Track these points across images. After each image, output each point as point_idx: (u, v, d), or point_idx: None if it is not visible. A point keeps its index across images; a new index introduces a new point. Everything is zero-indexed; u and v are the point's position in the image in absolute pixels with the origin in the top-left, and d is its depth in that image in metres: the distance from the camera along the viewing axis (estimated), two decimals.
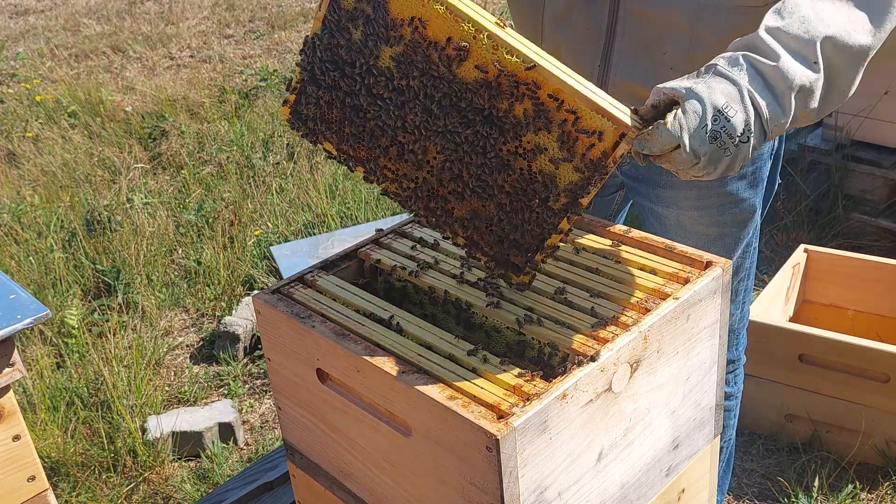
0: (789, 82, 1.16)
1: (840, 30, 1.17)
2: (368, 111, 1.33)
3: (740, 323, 2.00)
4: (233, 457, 2.96)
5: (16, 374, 1.65)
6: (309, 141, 1.42)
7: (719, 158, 1.16)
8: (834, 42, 1.17)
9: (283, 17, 8.04)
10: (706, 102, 1.13)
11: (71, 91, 6.18)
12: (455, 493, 1.21)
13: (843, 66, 1.19)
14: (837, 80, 1.19)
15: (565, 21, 1.68)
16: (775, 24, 1.17)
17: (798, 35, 1.15)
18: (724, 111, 1.13)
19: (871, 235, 3.74)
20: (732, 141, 1.14)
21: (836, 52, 1.17)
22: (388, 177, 1.38)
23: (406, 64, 1.27)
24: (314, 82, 1.37)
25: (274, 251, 4.07)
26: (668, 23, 1.56)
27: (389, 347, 1.29)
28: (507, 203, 1.30)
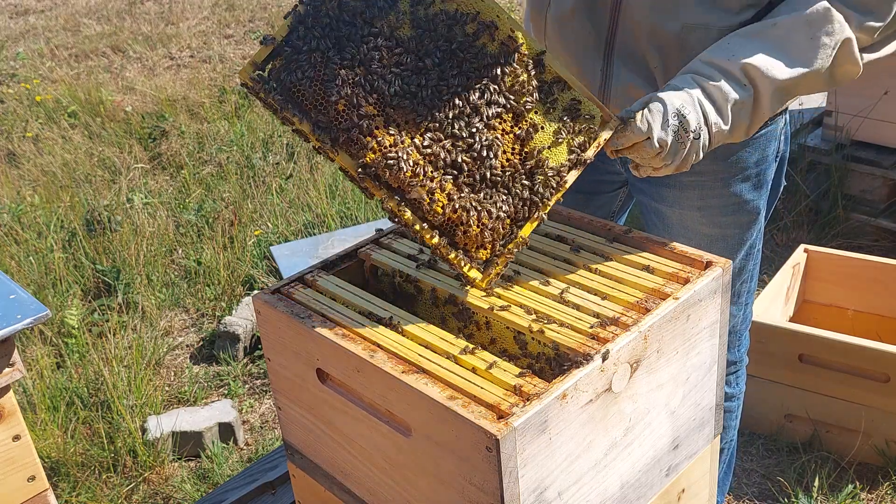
0: (727, 95, 1.44)
1: (760, 62, 1.45)
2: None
3: (742, 324, 2.00)
4: (233, 457, 2.96)
5: (16, 374, 1.65)
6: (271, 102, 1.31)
7: (677, 150, 1.41)
8: (756, 69, 1.45)
9: None
10: (667, 104, 1.39)
11: (71, 91, 6.18)
12: (455, 493, 1.21)
13: (764, 91, 1.46)
14: (761, 102, 1.47)
15: (568, 24, 1.72)
16: (711, 56, 1.47)
17: (727, 61, 1.46)
18: (681, 110, 1.40)
19: (871, 235, 3.74)
20: (688, 135, 1.40)
21: (759, 78, 1.45)
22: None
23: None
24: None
25: (274, 251, 4.07)
26: (657, 37, 1.62)
27: (389, 347, 1.29)
28: (495, 181, 1.35)
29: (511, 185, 1.36)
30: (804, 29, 1.46)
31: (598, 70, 1.71)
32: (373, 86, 1.30)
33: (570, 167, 1.39)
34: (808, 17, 1.46)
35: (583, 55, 1.72)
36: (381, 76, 1.31)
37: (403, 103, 1.32)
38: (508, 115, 1.37)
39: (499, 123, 1.36)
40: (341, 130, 1.30)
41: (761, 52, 1.46)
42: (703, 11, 1.56)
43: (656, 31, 1.60)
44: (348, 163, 1.32)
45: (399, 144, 1.30)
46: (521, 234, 1.37)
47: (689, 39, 1.59)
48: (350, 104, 1.29)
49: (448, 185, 1.32)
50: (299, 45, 1.31)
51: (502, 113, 1.36)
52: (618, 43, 1.66)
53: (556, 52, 1.77)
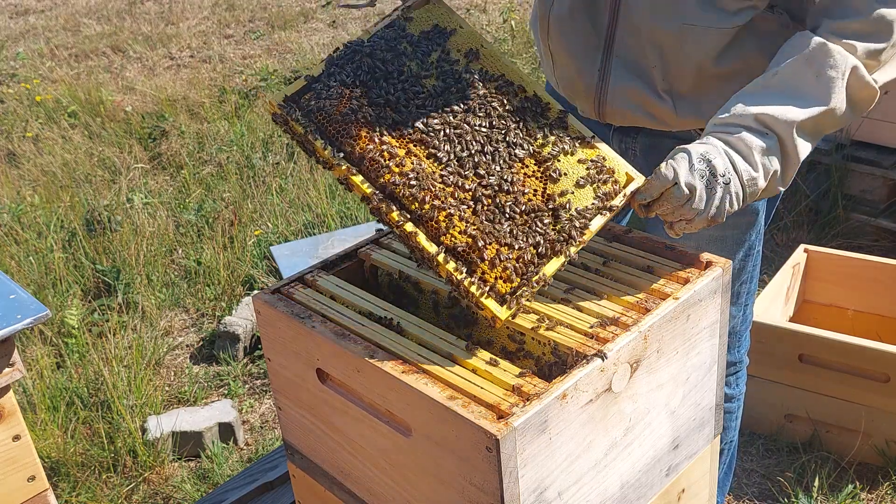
0: (750, 144, 1.41)
1: (772, 110, 1.43)
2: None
3: (743, 325, 2.00)
4: (233, 457, 2.96)
5: (16, 374, 1.65)
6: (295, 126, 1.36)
7: (708, 196, 1.36)
8: (770, 116, 1.42)
9: (283, 17, 8.04)
10: (691, 151, 1.37)
11: (71, 91, 6.18)
12: (455, 493, 1.21)
13: (785, 135, 1.42)
14: (786, 147, 1.43)
15: (569, 23, 1.73)
16: (723, 116, 1.45)
17: (740, 115, 1.44)
18: (707, 156, 1.36)
19: (871, 235, 3.74)
20: (717, 180, 1.36)
21: (776, 123, 1.42)
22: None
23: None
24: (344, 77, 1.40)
25: (274, 251, 4.07)
26: (655, 38, 1.62)
27: (389, 347, 1.29)
28: (513, 216, 1.33)
29: (533, 223, 1.33)
30: (807, 69, 1.45)
31: (595, 70, 1.71)
32: (395, 121, 1.36)
33: (595, 212, 1.37)
34: (807, 56, 1.45)
35: (582, 55, 1.73)
36: (407, 112, 1.37)
37: (425, 139, 1.35)
38: (531, 160, 1.39)
39: (520, 167, 1.38)
40: (366, 156, 1.32)
41: (771, 102, 1.44)
42: (702, 12, 1.56)
43: (655, 31, 1.61)
44: (365, 185, 1.32)
45: (419, 169, 1.32)
46: (544, 270, 1.31)
47: (687, 40, 1.59)
48: (372, 130, 1.33)
49: (467, 212, 1.31)
50: (330, 81, 1.39)
51: (525, 157, 1.38)
52: (617, 43, 1.67)
53: (558, 52, 1.78)
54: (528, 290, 1.29)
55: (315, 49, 6.93)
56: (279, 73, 6.37)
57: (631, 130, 1.80)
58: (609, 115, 1.75)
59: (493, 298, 1.27)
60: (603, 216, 1.37)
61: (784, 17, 1.63)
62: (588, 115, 1.79)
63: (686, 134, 1.74)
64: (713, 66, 1.62)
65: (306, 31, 7.71)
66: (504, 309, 1.27)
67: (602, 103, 1.73)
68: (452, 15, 1.52)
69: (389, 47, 1.44)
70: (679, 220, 1.38)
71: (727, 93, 1.66)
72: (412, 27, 1.48)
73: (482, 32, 6.87)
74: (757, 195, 1.44)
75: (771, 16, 1.62)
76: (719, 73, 1.64)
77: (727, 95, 1.67)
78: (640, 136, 1.79)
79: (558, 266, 1.33)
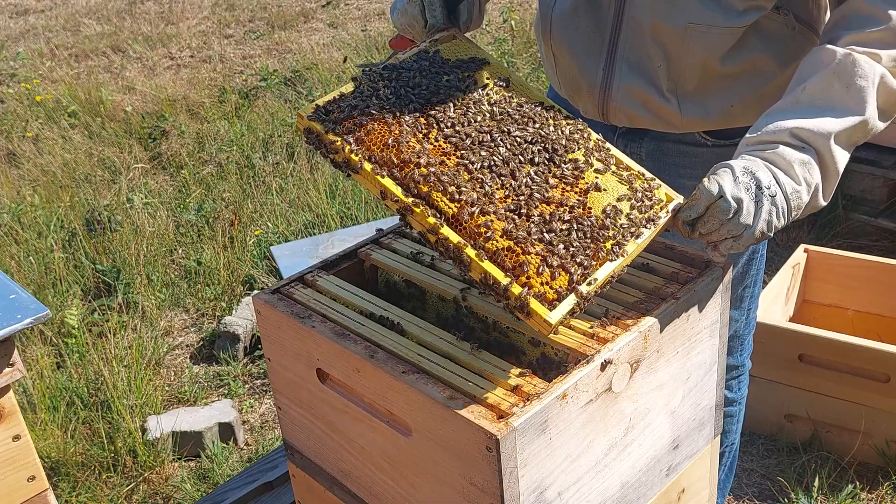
0: (789, 158, 1.37)
1: (808, 124, 1.39)
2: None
3: (746, 329, 1.99)
4: (233, 457, 2.96)
5: (16, 374, 1.65)
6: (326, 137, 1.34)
7: (755, 210, 1.32)
8: (806, 130, 1.39)
9: (283, 17, 8.04)
10: (733, 165, 1.34)
11: (71, 91, 6.18)
12: (455, 493, 1.21)
13: (823, 147, 1.39)
14: (825, 160, 1.40)
15: (572, 22, 1.71)
16: (755, 135, 1.42)
17: (775, 131, 1.40)
18: (749, 168, 1.33)
19: (871, 235, 3.74)
20: (762, 192, 1.32)
21: (812, 136, 1.39)
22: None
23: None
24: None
25: (274, 251, 4.07)
26: (660, 36, 1.61)
27: (389, 347, 1.29)
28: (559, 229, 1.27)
29: (577, 233, 1.27)
30: (835, 82, 1.42)
31: (599, 69, 1.70)
32: (429, 129, 1.35)
33: (640, 224, 1.32)
34: (835, 69, 1.42)
35: (585, 54, 1.71)
36: (439, 122, 1.36)
37: (461, 146, 1.33)
38: (571, 174, 1.36)
39: (560, 182, 1.34)
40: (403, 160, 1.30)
41: (804, 117, 1.40)
42: (707, 10, 1.55)
43: (659, 30, 1.60)
44: (398, 189, 1.28)
45: (456, 174, 1.29)
46: (594, 276, 1.24)
47: (692, 39, 1.58)
48: (408, 137, 1.32)
49: (503, 221, 1.26)
50: (363, 91, 1.39)
51: (566, 172, 1.35)
52: (621, 41, 1.66)
53: (560, 51, 1.77)
54: (576, 298, 1.21)
55: (315, 49, 6.93)
56: (279, 73, 6.37)
57: (636, 134, 1.78)
58: (613, 114, 1.73)
59: (541, 303, 1.19)
60: (648, 229, 1.32)
61: (790, 18, 1.62)
62: (591, 115, 1.77)
63: (691, 137, 1.72)
64: (719, 66, 1.61)
65: (306, 31, 7.71)
66: (553, 313, 1.18)
67: (606, 102, 1.71)
68: (479, 49, 1.52)
69: (422, 68, 1.44)
70: (726, 239, 1.33)
71: (733, 93, 1.66)
72: (444, 55, 1.49)
73: (482, 32, 6.87)
74: (802, 210, 1.40)
75: (777, 16, 1.61)
76: (725, 73, 1.63)
77: (732, 96, 1.66)
78: (645, 139, 1.77)
79: (605, 277, 1.25)
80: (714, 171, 1.35)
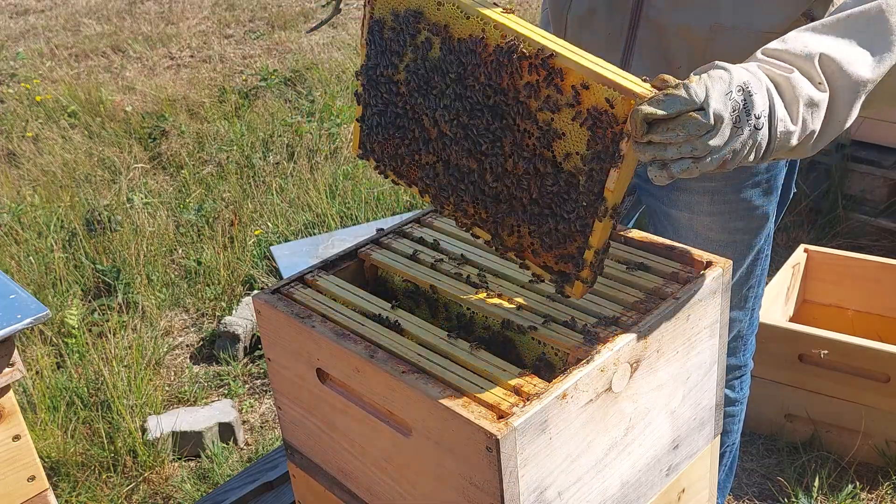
0: (799, 91, 1.18)
1: (840, 55, 1.20)
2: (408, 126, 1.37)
3: (749, 329, 1.99)
4: (233, 457, 2.96)
5: (16, 374, 1.65)
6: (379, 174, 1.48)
7: (730, 136, 1.10)
8: (835, 63, 1.20)
9: (283, 17, 8.04)
10: (732, 73, 1.11)
11: (71, 91, 6.18)
12: (455, 493, 1.21)
13: (843, 92, 1.21)
14: (836, 107, 1.22)
15: (588, 24, 1.69)
16: (776, 47, 1.21)
17: (799, 54, 1.20)
18: (748, 86, 1.11)
19: (871, 235, 3.74)
20: (749, 120, 1.11)
21: (838, 75, 1.20)
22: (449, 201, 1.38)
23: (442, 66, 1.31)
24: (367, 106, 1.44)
25: (274, 251, 4.07)
26: (683, 37, 1.58)
27: (389, 347, 1.29)
28: (538, 203, 1.25)
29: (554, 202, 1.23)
30: (885, 16, 1.24)
31: None
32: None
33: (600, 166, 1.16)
34: (885, 2, 1.24)
35: (601, 57, 1.69)
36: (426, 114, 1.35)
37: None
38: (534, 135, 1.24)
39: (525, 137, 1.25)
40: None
41: (837, 45, 1.21)
42: (733, 12, 1.51)
43: (682, 32, 1.56)
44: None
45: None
46: (590, 242, 1.21)
47: (717, 41, 1.54)
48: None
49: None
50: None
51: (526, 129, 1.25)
52: (637, 44, 1.63)
53: None
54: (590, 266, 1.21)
55: (315, 49, 6.93)
56: (279, 73, 6.37)
57: None
58: None
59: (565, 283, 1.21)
60: (616, 169, 1.14)
61: None
62: None
63: None
64: None
65: (306, 30, 7.71)
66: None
67: None
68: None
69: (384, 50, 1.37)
70: (682, 158, 1.10)
71: None
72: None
73: None
74: (781, 153, 1.21)
75: (805, 22, 1.57)
76: None
77: None
78: None
79: (604, 232, 1.20)
80: (707, 69, 1.13)
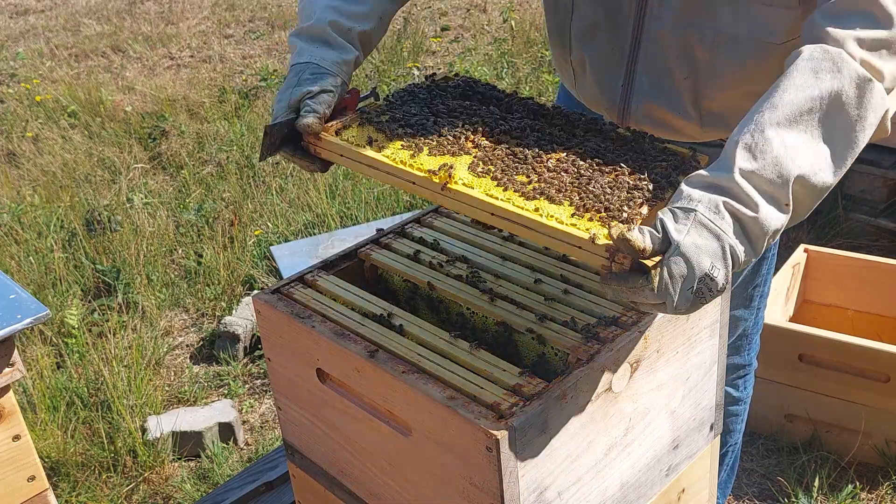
0: (766, 230, 1.16)
1: (808, 169, 1.17)
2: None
3: (754, 329, 1.98)
4: (233, 457, 2.96)
5: (16, 374, 1.65)
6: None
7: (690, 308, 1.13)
8: (802, 181, 1.17)
9: (283, 17, 8.04)
10: (694, 267, 1.09)
11: (71, 91, 6.18)
12: (455, 493, 1.21)
13: (806, 201, 1.20)
14: (798, 212, 1.21)
15: (591, 39, 1.68)
16: (750, 168, 1.15)
17: (772, 179, 1.15)
18: (710, 273, 1.10)
19: (871, 235, 3.74)
20: (710, 295, 1.12)
21: (803, 190, 1.18)
22: None
23: None
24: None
25: (274, 251, 4.06)
26: (686, 48, 1.58)
27: (389, 347, 1.29)
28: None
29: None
30: (849, 110, 1.20)
31: (619, 86, 1.66)
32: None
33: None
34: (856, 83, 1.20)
35: (604, 71, 1.68)
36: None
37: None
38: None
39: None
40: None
41: (806, 149, 1.17)
42: (733, 21, 1.52)
43: (684, 43, 1.57)
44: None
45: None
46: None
47: (719, 51, 1.55)
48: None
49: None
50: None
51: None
52: (641, 57, 1.62)
53: (581, 69, 1.74)
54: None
55: None
56: (279, 73, 6.37)
57: None
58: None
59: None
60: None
61: None
62: None
63: (710, 144, 1.68)
64: (747, 82, 1.57)
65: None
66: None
67: (625, 119, 1.68)
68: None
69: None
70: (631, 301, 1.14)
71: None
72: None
73: (482, 32, 6.87)
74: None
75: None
76: (754, 91, 1.58)
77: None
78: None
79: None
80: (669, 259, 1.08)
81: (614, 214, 1.17)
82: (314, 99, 1.39)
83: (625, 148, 1.36)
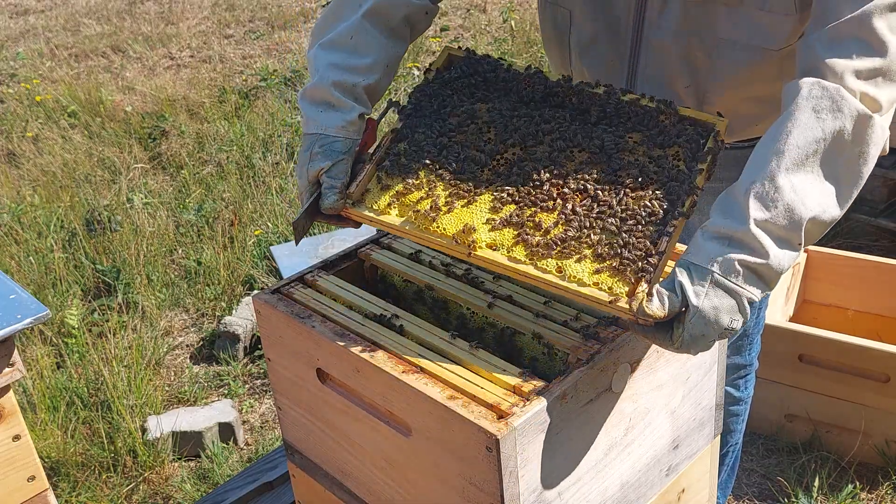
0: (781, 270, 1.21)
1: (818, 209, 1.22)
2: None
3: (755, 329, 1.99)
4: (233, 457, 2.96)
5: (16, 374, 1.65)
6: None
7: (705, 349, 1.21)
8: (813, 221, 1.22)
9: (283, 17, 8.04)
10: (713, 325, 1.17)
11: (71, 91, 6.18)
12: (455, 493, 1.21)
13: (816, 233, 1.26)
14: (808, 243, 1.26)
15: (590, 50, 1.69)
16: (763, 217, 1.19)
17: (785, 225, 1.20)
18: (730, 326, 1.18)
19: (871, 235, 3.74)
20: (726, 334, 1.20)
21: (814, 227, 1.24)
22: None
23: None
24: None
25: (274, 251, 4.06)
26: (686, 55, 1.58)
27: (389, 347, 1.29)
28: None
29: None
30: (851, 147, 1.25)
31: None
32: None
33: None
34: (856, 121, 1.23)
35: (605, 81, 1.67)
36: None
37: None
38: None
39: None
40: None
41: (814, 189, 1.22)
42: (732, 28, 1.52)
43: (684, 51, 1.57)
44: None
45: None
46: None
47: (718, 58, 1.56)
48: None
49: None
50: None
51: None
52: (641, 67, 1.63)
53: (581, 77, 1.73)
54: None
55: None
56: (279, 73, 6.37)
57: None
58: None
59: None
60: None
61: None
62: None
63: None
64: (749, 87, 1.58)
65: (306, 31, 7.71)
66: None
67: None
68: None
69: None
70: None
71: (761, 115, 1.62)
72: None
73: (482, 32, 6.87)
74: None
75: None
76: (756, 96, 1.60)
77: (761, 117, 1.62)
78: None
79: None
80: (692, 317, 1.16)
81: (632, 268, 1.22)
82: (329, 173, 1.41)
83: (643, 127, 1.41)
